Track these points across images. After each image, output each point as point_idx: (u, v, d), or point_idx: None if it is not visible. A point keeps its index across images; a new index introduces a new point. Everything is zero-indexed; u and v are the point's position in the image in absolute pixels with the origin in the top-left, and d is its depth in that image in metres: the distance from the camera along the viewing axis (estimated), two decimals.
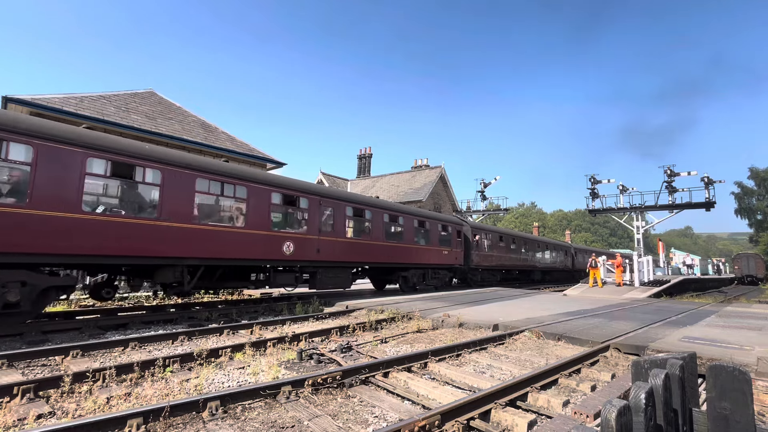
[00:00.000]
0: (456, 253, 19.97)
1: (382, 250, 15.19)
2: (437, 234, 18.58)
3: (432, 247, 18.16)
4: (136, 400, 4.19)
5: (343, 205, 13.77)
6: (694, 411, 2.22)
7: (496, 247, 25.08)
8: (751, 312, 12.12)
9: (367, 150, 44.26)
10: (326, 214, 13.09)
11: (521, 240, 29.18)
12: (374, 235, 14.86)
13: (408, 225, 16.73)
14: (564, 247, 38.52)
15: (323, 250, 12.59)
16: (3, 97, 13.28)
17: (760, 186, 62.46)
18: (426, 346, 6.92)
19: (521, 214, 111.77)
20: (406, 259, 16.36)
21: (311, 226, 12.36)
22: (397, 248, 15.96)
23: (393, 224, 16.06)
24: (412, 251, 16.75)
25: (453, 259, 19.69)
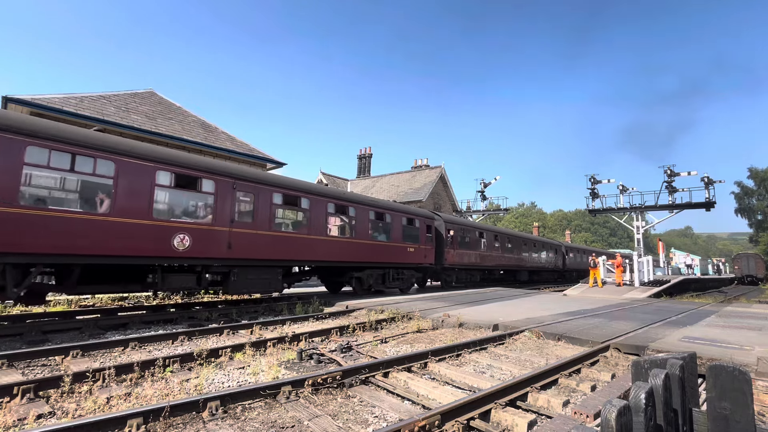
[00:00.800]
0: (425, 251, 17.53)
1: (328, 246, 12.78)
2: (400, 228, 16.12)
3: (394, 243, 15.67)
4: (136, 400, 4.19)
5: (269, 191, 11.19)
6: (694, 411, 2.22)
7: (476, 245, 22.67)
8: (751, 312, 12.13)
9: (367, 150, 44.25)
10: (243, 202, 10.64)
11: (505, 237, 26.59)
12: (315, 229, 12.38)
13: (361, 217, 14.25)
14: (554, 246, 35.74)
15: (238, 246, 10.15)
16: (3, 97, 13.27)
17: (760, 186, 62.46)
18: (426, 346, 6.92)
19: (521, 214, 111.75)
20: (359, 257, 14.03)
21: (219, 216, 9.85)
22: (348, 244, 13.64)
23: (341, 216, 13.66)
24: (367, 248, 14.34)
25: (421, 257, 17.22)
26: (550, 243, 35.39)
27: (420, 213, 18.04)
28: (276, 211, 11.62)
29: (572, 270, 39.80)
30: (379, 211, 15.25)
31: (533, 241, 31.66)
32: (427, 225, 18.00)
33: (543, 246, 33.19)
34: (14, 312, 10.03)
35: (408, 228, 16.70)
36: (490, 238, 24.30)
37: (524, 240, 29.78)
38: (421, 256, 17.34)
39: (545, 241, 34.52)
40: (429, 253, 17.98)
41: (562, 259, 36.59)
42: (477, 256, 22.77)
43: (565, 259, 37.23)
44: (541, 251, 32.35)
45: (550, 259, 33.79)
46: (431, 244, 18.19)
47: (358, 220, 14.17)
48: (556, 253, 35.34)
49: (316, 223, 12.54)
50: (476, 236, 22.97)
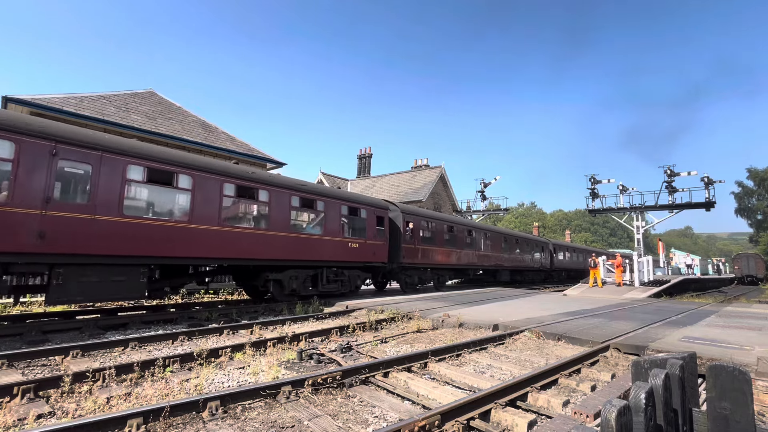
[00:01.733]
0: (375, 247, 14.67)
1: (223, 239, 9.89)
2: (338, 219, 13.37)
3: (329, 237, 12.89)
4: (136, 400, 4.19)
5: (122, 163, 8.37)
6: (694, 411, 2.22)
7: (444, 241, 19.65)
8: (751, 312, 12.13)
9: (367, 150, 44.26)
10: (71, 175, 8.00)
11: (482, 233, 23.45)
12: (202, 216, 9.53)
13: (279, 204, 11.43)
14: (540, 243, 32.57)
15: (60, 236, 7.44)
16: (3, 97, 13.28)
17: (760, 186, 62.48)
18: (426, 346, 6.92)
19: (521, 214, 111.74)
20: (276, 254, 11.17)
21: (22, 194, 7.07)
22: (258, 238, 10.80)
23: (247, 201, 10.95)
24: (287, 242, 11.45)
25: (369, 254, 14.37)
26: (536, 240, 32.51)
27: (367, 201, 15.02)
28: (134, 190, 8.87)
29: (561, 270, 37.02)
30: (306, 197, 12.34)
31: (516, 237, 28.61)
32: (377, 216, 15.05)
33: (527, 243, 30.07)
34: (14, 312, 10.04)
35: (350, 219, 13.99)
36: (462, 234, 21.25)
37: (505, 236, 26.71)
38: (369, 253, 14.43)
39: (530, 238, 31.51)
40: (380, 249, 15.05)
41: (550, 258, 33.72)
42: (446, 253, 19.71)
43: (553, 258, 34.31)
44: (525, 249, 29.32)
45: (535, 257, 30.90)
46: (383, 239, 15.26)
47: (274, 208, 11.27)
48: (543, 251, 32.52)
49: (206, 209, 9.66)
50: (444, 231, 19.79)
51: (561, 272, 37.28)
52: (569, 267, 38.36)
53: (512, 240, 27.62)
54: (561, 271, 37.04)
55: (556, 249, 35.24)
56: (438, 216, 20.29)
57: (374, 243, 14.88)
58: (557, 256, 35.20)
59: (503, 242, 26.05)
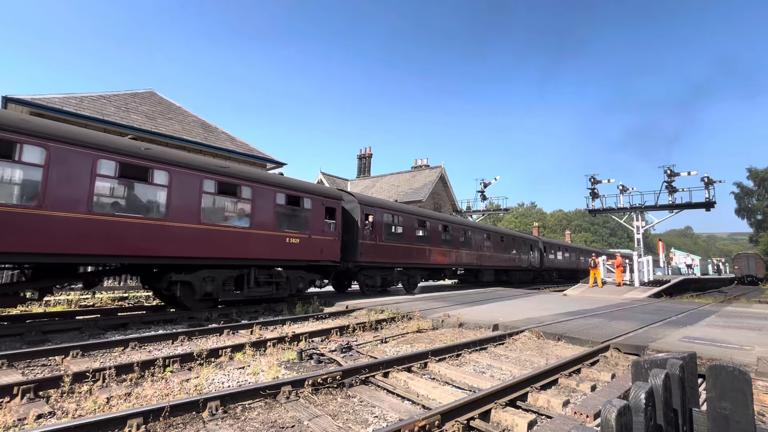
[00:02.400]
0: (323, 243, 12.57)
1: (100, 231, 7.89)
2: (272, 209, 11.22)
3: (259, 230, 10.81)
4: (136, 400, 4.19)
5: None
6: (694, 411, 2.22)
7: (414, 237, 17.28)
8: (751, 312, 12.13)
9: (367, 150, 44.28)
10: None
11: (460, 229, 21.11)
12: (60, 201, 7.46)
13: (185, 188, 9.29)
14: (529, 241, 30.29)
15: None
16: (3, 97, 13.28)
17: (760, 186, 62.47)
18: (426, 346, 6.92)
19: (521, 214, 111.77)
20: (180, 250, 9.13)
21: None
22: (152, 229, 8.69)
23: (135, 184, 8.70)
24: (198, 236, 9.40)
25: (315, 251, 12.31)
26: (524, 238, 30.20)
27: (313, 189, 12.80)
28: None
29: (551, 270, 34.93)
30: (225, 182, 10.16)
31: (501, 234, 26.24)
32: (327, 207, 12.94)
33: (515, 241, 27.89)
34: (14, 312, 10.04)
35: (289, 210, 11.88)
36: (437, 230, 19.05)
37: (489, 233, 24.32)
38: (314, 250, 12.32)
39: (517, 236, 29.27)
40: (330, 246, 12.88)
41: (540, 257, 31.59)
42: (418, 251, 17.42)
43: (544, 258, 32.27)
44: (512, 247, 27.18)
45: (523, 256, 28.79)
46: (334, 234, 13.17)
47: (177, 193, 9.15)
48: (532, 249, 30.36)
49: (67, 190, 7.55)
50: (415, 226, 17.53)
51: (552, 272, 35.60)
52: (561, 267, 36.88)
53: (497, 237, 25.35)
54: (552, 270, 35.29)
55: (546, 248, 33.46)
56: (406, 209, 17.87)
57: (322, 238, 12.68)
58: (548, 255, 33.43)
59: (486, 239, 23.95)
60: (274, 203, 11.35)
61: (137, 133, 15.37)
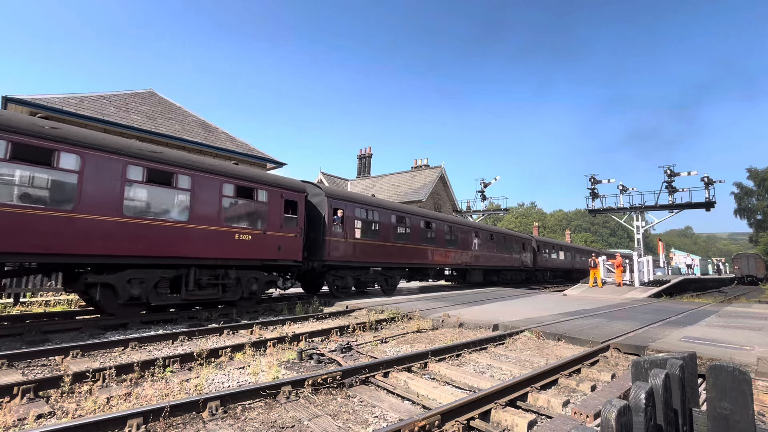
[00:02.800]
0: (282, 240, 11.21)
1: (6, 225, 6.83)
2: (216, 201, 9.91)
3: (200, 225, 9.55)
4: (136, 400, 4.19)
5: None
6: (694, 411, 2.22)
7: (392, 234, 15.92)
8: (751, 312, 12.13)
9: (367, 150, 44.29)
10: None
11: (445, 225, 19.71)
12: None
13: (103, 175, 8.10)
14: (521, 240, 28.61)
15: None
16: (3, 97, 13.28)
17: (760, 186, 62.46)
18: (426, 346, 6.92)
19: (521, 214, 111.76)
20: (96, 248, 7.91)
21: None
22: (59, 222, 7.46)
23: (35, 169, 7.46)
24: (119, 230, 8.21)
25: (271, 249, 11.00)
26: (517, 236, 28.49)
27: (269, 180, 11.38)
28: None
29: (546, 269, 33.46)
30: (157, 169, 8.96)
31: (491, 232, 24.59)
32: (286, 200, 11.58)
33: (506, 239, 26.19)
34: (14, 312, 10.04)
35: (240, 202, 10.55)
36: (418, 226, 17.59)
37: (477, 231, 22.72)
38: (270, 247, 11.00)
39: (509, 234, 27.47)
40: (290, 243, 11.45)
41: (533, 257, 30.14)
42: (396, 250, 16.00)
43: (537, 257, 30.81)
44: (503, 245, 25.57)
45: (515, 255, 27.22)
46: (295, 230, 11.78)
47: (92, 181, 7.92)
48: (525, 248, 28.74)
49: None
50: (393, 222, 16.05)
51: (546, 272, 34.17)
52: (556, 266, 35.48)
53: (486, 235, 23.74)
54: (546, 270, 33.83)
55: (540, 247, 32.01)
56: (383, 204, 16.38)
57: (280, 235, 11.31)
58: (541, 254, 32.04)
59: (475, 237, 22.39)
60: (219, 195, 10.02)
61: (137, 133, 15.37)
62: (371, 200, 16.12)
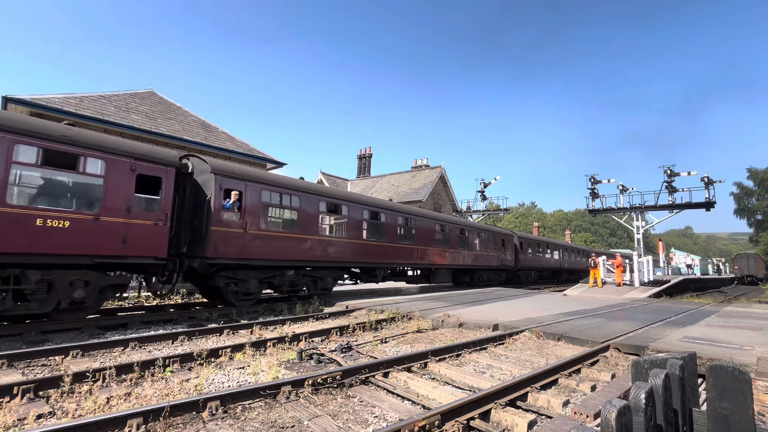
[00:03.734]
0: (130, 229, 8.30)
1: None
2: (2, 173, 6.86)
3: None
4: (136, 400, 4.19)
5: None
6: (694, 411, 2.22)
7: (316, 225, 12.63)
8: (751, 312, 12.13)
9: (367, 150, 44.31)
10: None
11: (397, 217, 16.19)
12: None
13: None
14: (500, 235, 24.95)
15: None
16: (3, 97, 13.28)
17: (760, 186, 62.47)
18: (426, 346, 6.92)
19: (521, 214, 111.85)
20: None
21: None
22: None
23: None
24: None
25: (113, 242, 8.08)
26: (494, 231, 24.50)
27: (108, 145, 8.23)
28: None
29: (530, 269, 30.15)
30: None
31: (462, 227, 21.24)
32: (142, 175, 8.62)
33: (479, 234, 22.61)
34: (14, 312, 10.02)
35: (52, 174, 7.65)
36: (357, 217, 14.10)
37: (441, 224, 19.16)
38: (111, 239, 8.06)
39: (484, 228, 23.52)
40: (145, 233, 8.59)
41: (515, 255, 26.87)
42: (325, 245, 12.74)
43: (519, 255, 27.61)
44: (476, 242, 22.14)
45: (492, 253, 23.66)
46: (156, 216, 8.81)
47: None
48: (504, 245, 25.24)
49: None
50: (318, 210, 12.64)
51: (530, 272, 30.80)
52: (542, 266, 32.22)
53: (454, 230, 20.12)
54: (530, 270, 30.49)
55: (523, 244, 28.75)
56: (302, 187, 12.58)
57: (126, 222, 8.32)
58: (525, 252, 28.80)
59: (439, 232, 18.86)
60: (7, 162, 6.89)
61: (137, 133, 15.36)
62: (287, 182, 12.29)
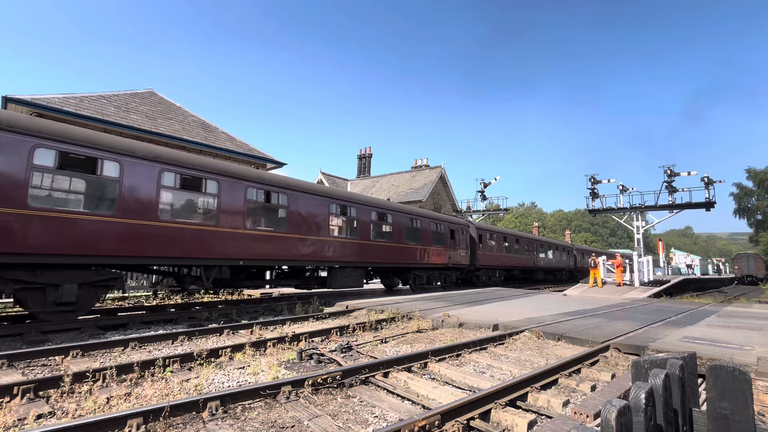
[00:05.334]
0: None
1: None
2: None
3: None
4: (136, 400, 4.19)
5: None
6: (694, 411, 2.22)
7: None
8: (751, 312, 12.12)
9: (367, 150, 44.31)
10: None
11: (329, 203, 13.07)
12: None
13: None
14: (448, 224, 19.65)
15: None
16: (3, 97, 13.27)
17: (760, 186, 62.47)
18: (426, 346, 6.92)
19: (521, 214, 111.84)
20: None
21: None
22: None
23: None
24: None
25: None
26: (436, 218, 19.00)
27: None
28: None
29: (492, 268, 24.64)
30: None
31: (379, 209, 15.37)
32: None
33: (414, 222, 17.11)
34: (14, 312, 10.04)
35: None
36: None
37: (343, 203, 13.89)
38: None
39: (420, 214, 17.96)
40: None
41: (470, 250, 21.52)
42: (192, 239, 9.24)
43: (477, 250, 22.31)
44: (409, 231, 16.72)
45: (433, 247, 18.14)
46: None
47: None
48: (453, 237, 19.71)
49: None
50: (133, 186, 8.45)
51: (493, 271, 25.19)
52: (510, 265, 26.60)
53: (367, 213, 14.44)
54: (493, 269, 24.98)
55: (483, 237, 23.15)
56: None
57: None
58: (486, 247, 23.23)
59: (339, 216, 13.59)
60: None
61: (137, 133, 15.35)
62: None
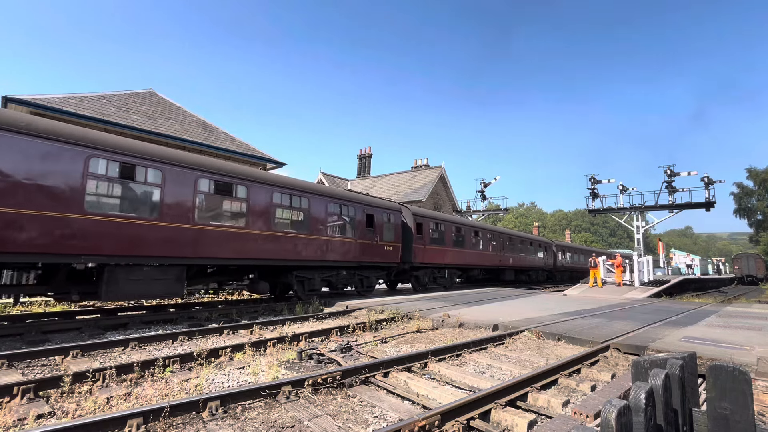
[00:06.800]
0: None
1: None
2: None
3: None
4: (136, 400, 4.19)
5: None
6: (694, 411, 2.22)
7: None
8: (751, 312, 12.12)
9: (367, 150, 44.32)
10: None
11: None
12: None
13: None
14: (371, 208, 15.23)
15: None
16: (3, 97, 13.27)
17: (760, 186, 62.45)
18: (426, 346, 6.92)
19: (521, 214, 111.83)
20: None
21: None
22: None
23: None
24: None
25: None
26: (351, 199, 14.48)
27: None
28: None
29: (440, 267, 19.27)
30: None
31: (266, 183, 11.42)
32: None
33: (327, 208, 13.30)
34: (14, 312, 10.04)
35: None
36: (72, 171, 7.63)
37: (217, 175, 10.18)
38: None
39: (337, 196, 14.04)
40: None
41: (403, 243, 16.60)
42: None
43: (413, 244, 17.28)
44: (318, 218, 12.92)
45: (337, 237, 13.69)
46: None
47: None
48: (373, 226, 15.11)
49: None
50: None
51: (442, 270, 19.65)
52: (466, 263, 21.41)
53: (260, 195, 11.17)
54: (442, 268, 19.50)
55: (423, 226, 18.10)
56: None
57: None
58: (427, 240, 18.20)
59: (222, 195, 10.33)
60: None
61: (137, 133, 15.35)
62: None
